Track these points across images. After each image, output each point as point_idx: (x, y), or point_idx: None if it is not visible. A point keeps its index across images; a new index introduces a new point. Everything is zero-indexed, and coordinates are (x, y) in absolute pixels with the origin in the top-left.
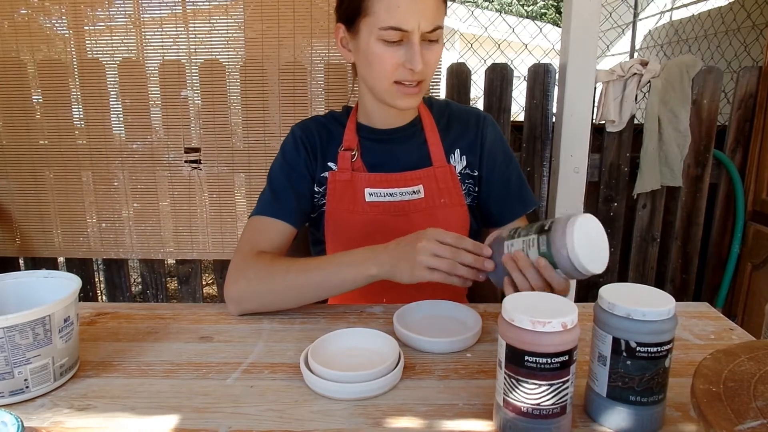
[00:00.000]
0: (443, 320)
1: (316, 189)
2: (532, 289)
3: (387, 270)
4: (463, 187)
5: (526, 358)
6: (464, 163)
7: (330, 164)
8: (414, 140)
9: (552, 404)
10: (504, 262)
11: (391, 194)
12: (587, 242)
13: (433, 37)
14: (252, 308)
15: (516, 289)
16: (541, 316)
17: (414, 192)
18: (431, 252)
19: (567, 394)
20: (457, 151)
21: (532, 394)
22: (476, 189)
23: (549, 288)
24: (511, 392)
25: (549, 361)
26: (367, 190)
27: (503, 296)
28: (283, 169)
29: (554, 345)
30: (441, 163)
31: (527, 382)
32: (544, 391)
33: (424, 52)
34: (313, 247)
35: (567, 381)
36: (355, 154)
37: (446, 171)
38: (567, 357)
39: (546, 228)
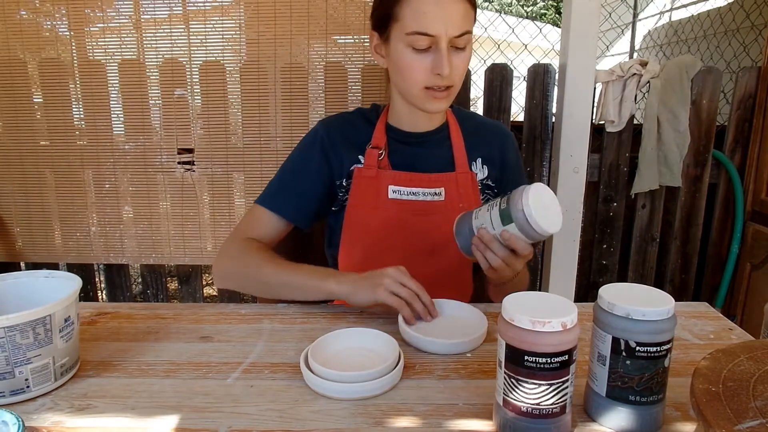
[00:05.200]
0: (448, 321)
1: (342, 183)
2: (500, 262)
3: (346, 290)
4: (482, 196)
5: (526, 357)
6: (486, 173)
7: (360, 157)
8: (440, 145)
9: (552, 404)
10: (474, 244)
11: (413, 193)
12: (540, 204)
13: (460, 44)
14: (231, 287)
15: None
16: (540, 315)
17: (436, 194)
18: (397, 281)
19: (567, 393)
20: (479, 160)
21: (531, 394)
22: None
23: (514, 255)
24: (510, 392)
25: (549, 361)
26: (391, 187)
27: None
28: (294, 164)
29: (554, 345)
30: (463, 169)
31: (527, 382)
32: (543, 391)
33: (452, 58)
34: (327, 249)
35: (567, 381)
36: (382, 153)
37: (467, 177)
38: (567, 357)
39: (506, 196)
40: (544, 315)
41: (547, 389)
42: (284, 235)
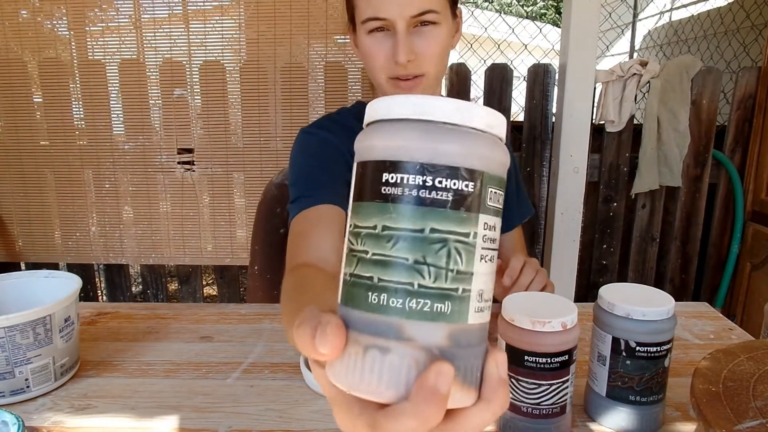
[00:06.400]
0: None
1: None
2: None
3: None
4: None
5: (526, 357)
6: None
7: None
8: None
9: (552, 404)
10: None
11: None
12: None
13: (426, 19)
14: None
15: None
16: (540, 315)
17: None
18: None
19: (567, 393)
20: None
21: (531, 394)
22: None
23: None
24: (511, 392)
25: (549, 361)
26: None
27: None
28: (305, 154)
29: (554, 345)
30: None
31: (527, 382)
32: (543, 391)
33: (415, 41)
34: None
35: (567, 381)
36: None
37: None
38: (567, 357)
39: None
40: (544, 315)
41: (547, 389)
42: (344, 225)
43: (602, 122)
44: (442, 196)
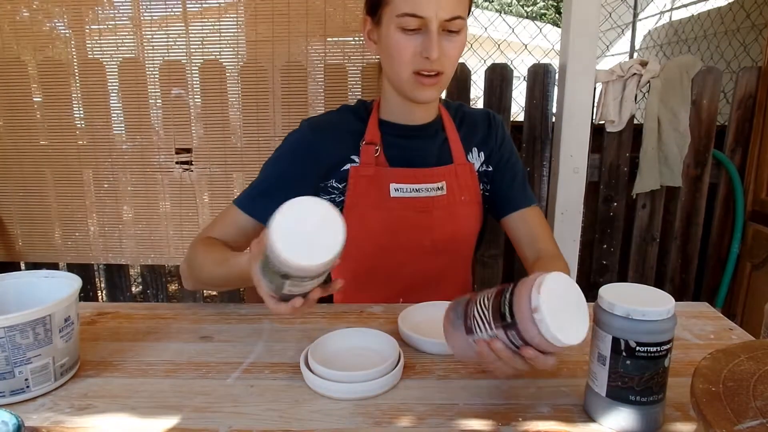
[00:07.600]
0: None
1: (335, 185)
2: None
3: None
4: (480, 186)
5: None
6: (482, 159)
7: (353, 157)
8: (436, 138)
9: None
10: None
11: (417, 190)
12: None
13: (453, 27)
14: (191, 288)
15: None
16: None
17: (438, 188)
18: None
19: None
20: (475, 149)
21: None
22: (489, 186)
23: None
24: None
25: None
26: (393, 185)
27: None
28: (279, 169)
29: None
30: (461, 161)
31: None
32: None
33: (443, 43)
34: None
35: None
36: (378, 149)
37: (466, 169)
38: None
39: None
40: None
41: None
42: (253, 238)
43: (602, 122)
44: (284, 273)
